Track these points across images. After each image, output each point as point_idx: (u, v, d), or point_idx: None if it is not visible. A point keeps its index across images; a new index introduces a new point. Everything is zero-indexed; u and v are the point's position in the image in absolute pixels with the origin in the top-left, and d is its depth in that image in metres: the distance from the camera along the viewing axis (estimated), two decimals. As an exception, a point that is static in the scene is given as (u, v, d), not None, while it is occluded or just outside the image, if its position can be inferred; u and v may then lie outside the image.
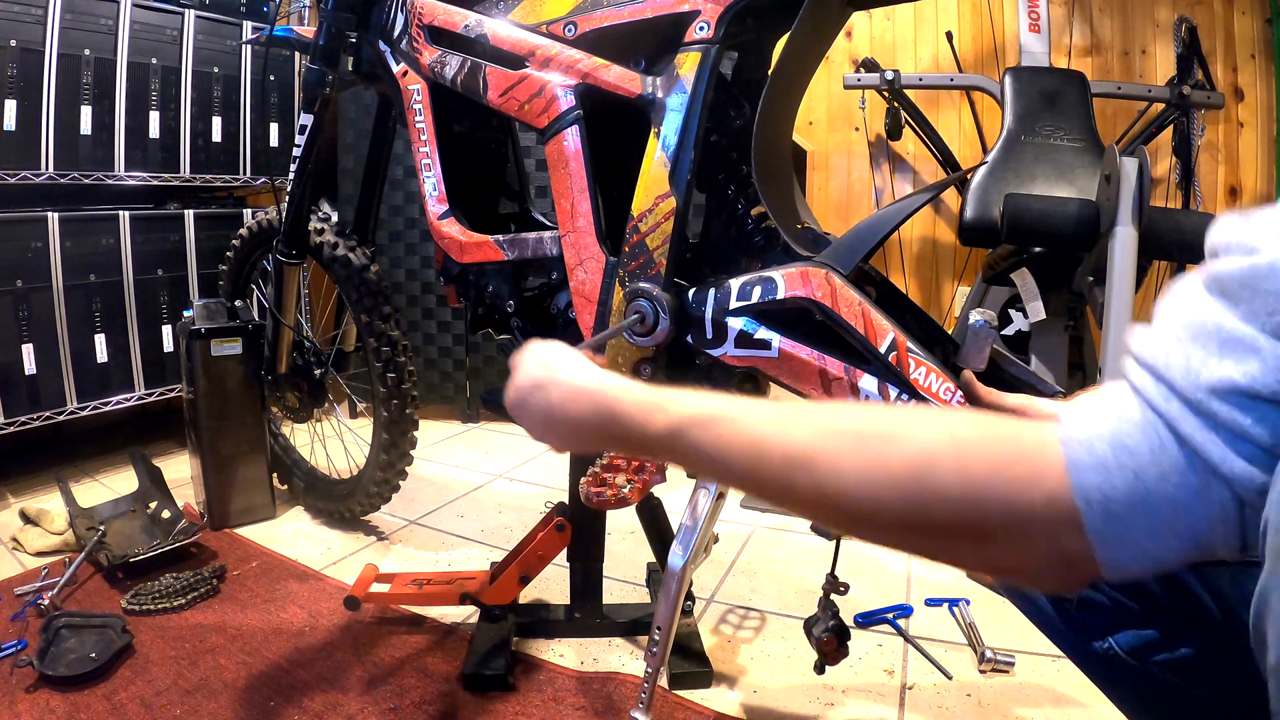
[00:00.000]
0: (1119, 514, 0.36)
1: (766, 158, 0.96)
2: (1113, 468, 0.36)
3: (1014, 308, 1.84)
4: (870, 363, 0.84)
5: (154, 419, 2.44)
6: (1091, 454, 0.37)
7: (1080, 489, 0.36)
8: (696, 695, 1.14)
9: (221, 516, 1.69)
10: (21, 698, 1.09)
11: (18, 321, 1.81)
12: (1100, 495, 0.36)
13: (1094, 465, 0.36)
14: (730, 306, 0.92)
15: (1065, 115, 1.91)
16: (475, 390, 2.50)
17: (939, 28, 2.61)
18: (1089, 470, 0.36)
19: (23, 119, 1.79)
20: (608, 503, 0.93)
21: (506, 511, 1.84)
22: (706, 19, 0.93)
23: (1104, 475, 0.36)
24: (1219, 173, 2.46)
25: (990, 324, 0.79)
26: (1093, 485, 0.36)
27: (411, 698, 1.11)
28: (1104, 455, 0.36)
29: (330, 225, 1.58)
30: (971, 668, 1.20)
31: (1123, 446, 0.36)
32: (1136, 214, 1.41)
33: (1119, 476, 0.36)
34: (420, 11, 1.17)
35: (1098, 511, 0.36)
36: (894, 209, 0.91)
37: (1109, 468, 0.36)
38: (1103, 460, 0.36)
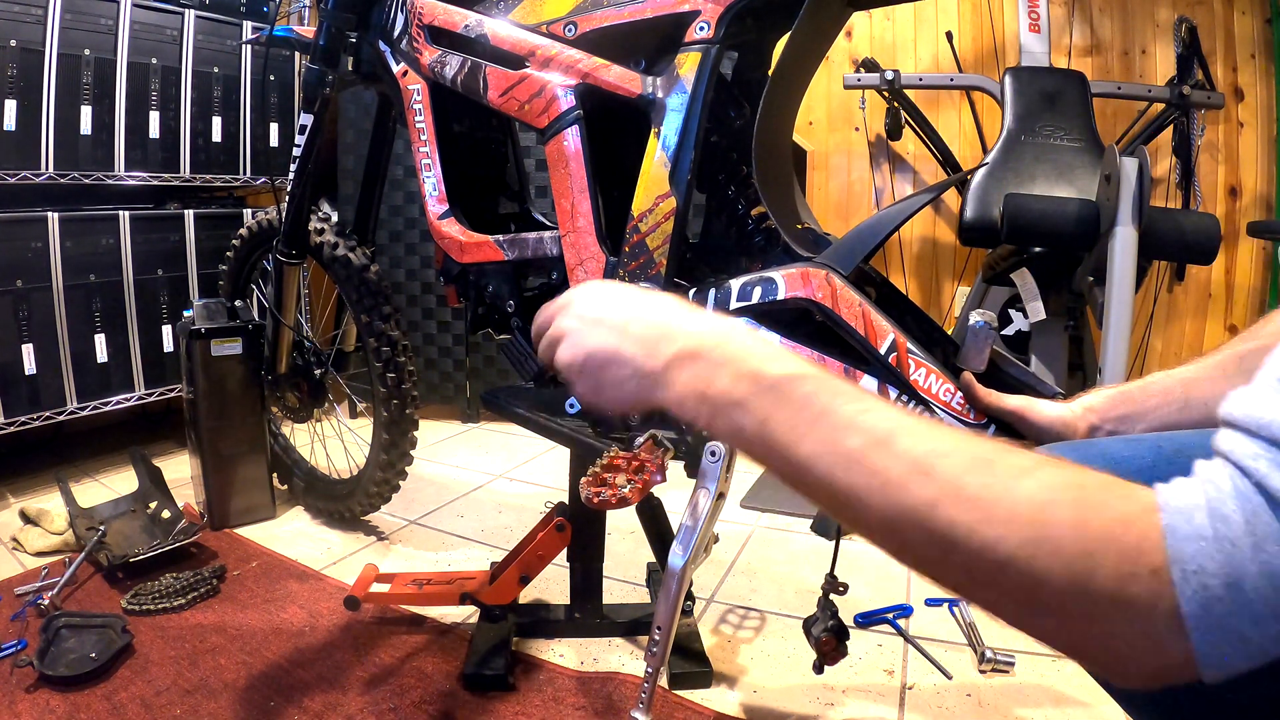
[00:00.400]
0: (1216, 594, 0.32)
1: (767, 158, 0.96)
2: (1209, 539, 0.32)
3: (1014, 308, 1.84)
4: (870, 364, 0.84)
5: (154, 419, 2.44)
6: (1189, 522, 0.33)
7: (1177, 560, 0.32)
8: (696, 695, 1.14)
9: (221, 516, 1.69)
10: (21, 698, 1.09)
11: (18, 321, 1.81)
12: (1196, 570, 0.32)
13: (1192, 535, 0.33)
14: (730, 307, 0.92)
15: (1065, 115, 1.91)
16: (475, 390, 2.50)
17: (939, 28, 2.61)
18: (1187, 540, 0.33)
19: (23, 119, 1.79)
20: (608, 503, 0.93)
21: (506, 511, 1.84)
22: (706, 19, 0.93)
23: (1200, 547, 0.32)
24: (1219, 173, 2.46)
25: (990, 325, 0.79)
26: (1189, 556, 0.32)
27: (411, 698, 1.11)
28: (1201, 524, 0.33)
29: (330, 225, 1.58)
30: (971, 668, 1.20)
31: (1219, 514, 0.33)
32: (1136, 214, 1.42)
33: (1215, 548, 0.32)
34: (420, 11, 1.17)
35: (1194, 589, 0.32)
36: (894, 210, 0.91)
37: (1206, 538, 0.32)
38: (1199, 529, 0.33)
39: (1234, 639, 0.32)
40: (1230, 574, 0.31)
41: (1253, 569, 0.31)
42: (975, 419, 0.78)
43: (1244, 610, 0.31)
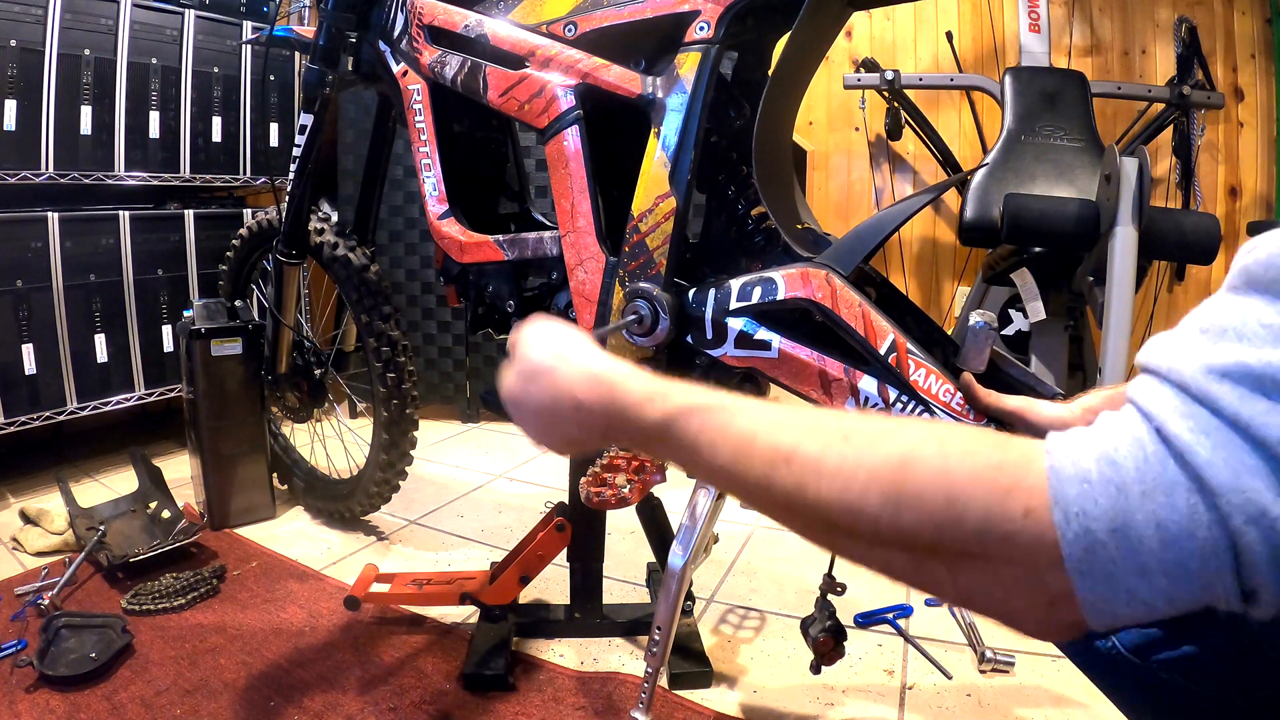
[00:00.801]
0: (1099, 539, 0.31)
1: (767, 158, 0.96)
2: (1095, 481, 0.32)
3: (1014, 308, 1.84)
4: (870, 364, 0.84)
5: (154, 419, 2.44)
6: (1075, 465, 0.32)
7: (1059, 501, 0.32)
8: (696, 695, 1.14)
9: (221, 516, 1.69)
10: (21, 698, 1.09)
11: (18, 321, 1.81)
12: (1079, 511, 0.31)
13: (1076, 477, 0.32)
14: (730, 307, 0.92)
15: (1065, 115, 1.91)
16: (475, 390, 2.50)
17: (939, 28, 2.61)
18: (1070, 481, 0.32)
19: (23, 119, 1.79)
20: (608, 503, 0.93)
21: (506, 511, 1.84)
22: (706, 19, 0.93)
23: (1084, 489, 0.32)
24: (1219, 173, 2.46)
25: (990, 325, 0.79)
26: (1072, 499, 0.32)
27: (411, 698, 1.11)
28: (1087, 468, 0.32)
29: (330, 225, 1.58)
30: (971, 668, 1.20)
31: (1108, 459, 0.32)
32: (1136, 214, 1.42)
33: (1100, 492, 0.31)
34: (420, 11, 1.17)
35: (1076, 533, 0.31)
36: (894, 210, 0.91)
37: (1091, 481, 0.32)
38: (1085, 473, 0.32)
39: (1119, 590, 0.31)
40: (1115, 520, 0.31)
41: (1139, 517, 0.30)
42: (975, 419, 0.78)
43: (1129, 559, 0.30)
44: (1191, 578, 0.30)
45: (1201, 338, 0.33)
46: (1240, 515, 0.29)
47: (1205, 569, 0.30)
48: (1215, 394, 0.31)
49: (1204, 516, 0.30)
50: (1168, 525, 0.30)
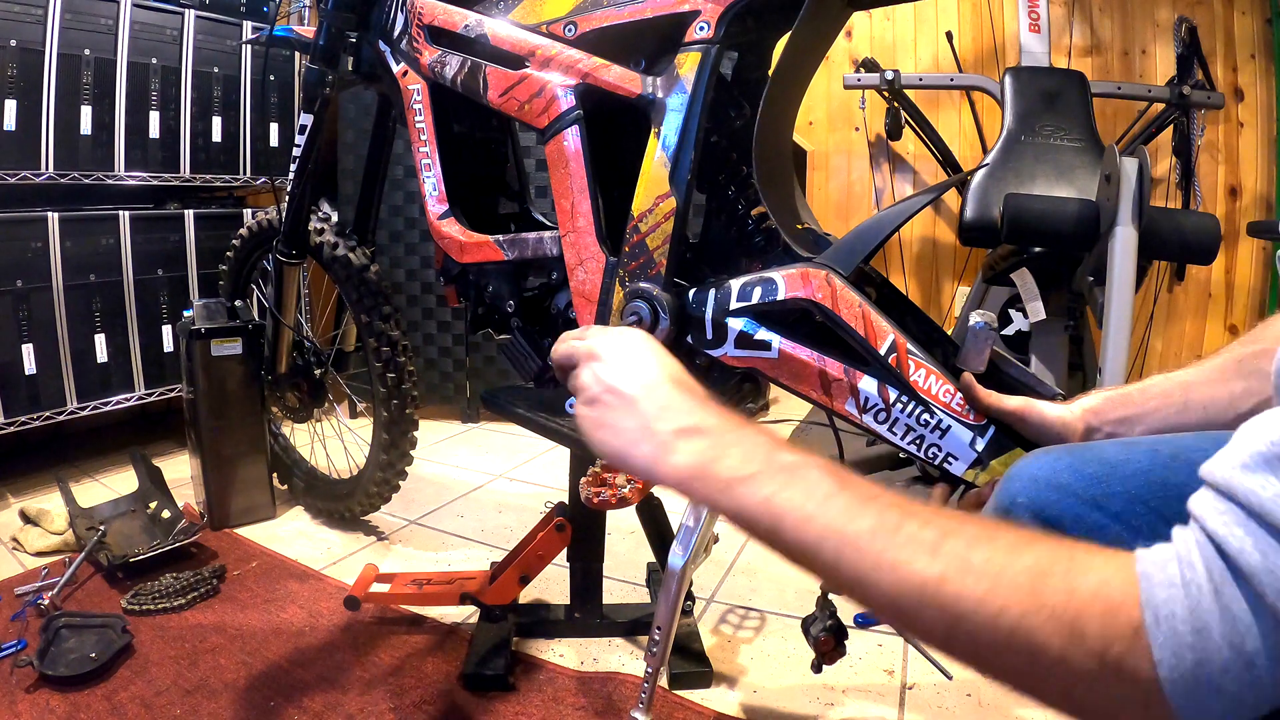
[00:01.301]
0: (1185, 639, 0.32)
1: (767, 158, 0.96)
2: (1177, 584, 0.33)
3: (1014, 308, 1.84)
4: (870, 364, 0.84)
5: (154, 419, 2.44)
6: (1163, 572, 0.34)
7: (1149, 605, 0.33)
8: (696, 695, 1.14)
9: (221, 516, 1.69)
10: (21, 698, 1.09)
11: (18, 321, 1.81)
12: (1167, 613, 0.33)
13: (1164, 583, 0.34)
14: (730, 307, 0.92)
15: (1065, 115, 1.91)
16: (475, 390, 2.50)
17: (939, 28, 2.61)
18: (1159, 587, 0.34)
19: (23, 119, 1.78)
20: (608, 503, 0.93)
21: (506, 511, 1.84)
22: (706, 19, 0.93)
23: (1170, 594, 0.33)
24: (1219, 173, 2.46)
25: (990, 326, 0.79)
26: (1161, 602, 0.33)
27: (411, 698, 1.11)
28: (1172, 574, 0.34)
29: (330, 225, 1.58)
30: (971, 668, 1.20)
31: (1186, 562, 0.34)
32: (1136, 214, 1.42)
33: (1182, 594, 0.33)
34: (420, 11, 1.17)
35: (1164, 635, 0.33)
36: (894, 210, 0.91)
37: (1174, 585, 0.33)
38: (1170, 578, 0.34)
39: (1209, 689, 0.32)
40: (1196, 618, 0.32)
41: (1214, 612, 0.32)
42: (975, 420, 0.78)
43: (1213, 656, 0.32)
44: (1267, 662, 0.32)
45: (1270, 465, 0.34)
46: (1272, 593, 0.31)
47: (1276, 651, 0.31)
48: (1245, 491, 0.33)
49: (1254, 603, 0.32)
50: (1236, 615, 0.32)
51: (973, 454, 0.78)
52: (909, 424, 0.82)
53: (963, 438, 0.79)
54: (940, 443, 0.80)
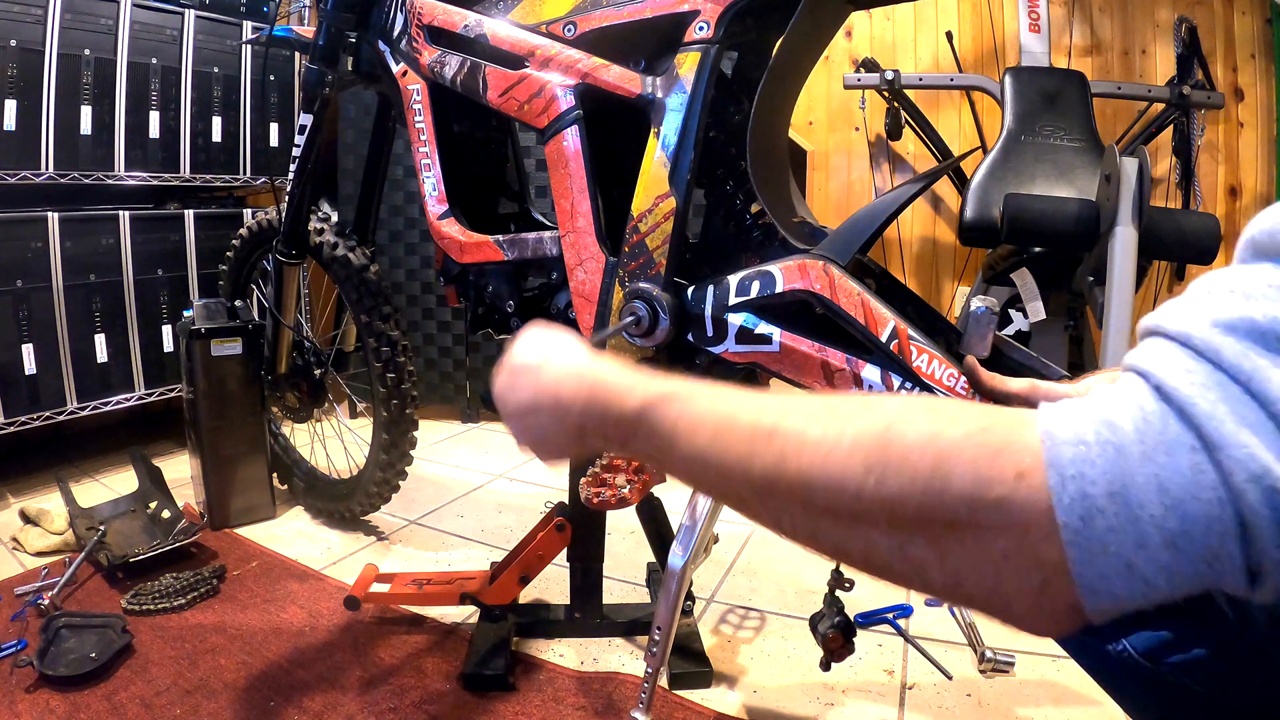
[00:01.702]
0: (1098, 505, 0.29)
1: (762, 155, 0.96)
2: (1092, 443, 0.29)
3: (1014, 308, 1.84)
4: (872, 353, 0.84)
5: (154, 419, 2.44)
6: (1072, 428, 0.30)
7: (1054, 464, 0.30)
8: (696, 695, 1.14)
9: (221, 516, 1.69)
10: (21, 698, 1.09)
11: (18, 321, 1.81)
12: (1075, 474, 0.29)
13: (1072, 440, 0.30)
14: (730, 302, 0.92)
15: (1065, 115, 1.91)
16: (475, 390, 2.50)
17: (939, 28, 2.61)
18: (1066, 444, 0.30)
19: (23, 119, 1.79)
20: (607, 503, 0.93)
21: (506, 511, 1.84)
22: (706, 19, 0.93)
23: (1081, 451, 0.29)
24: (1219, 173, 2.46)
25: (992, 310, 0.78)
26: (1068, 461, 0.29)
27: (411, 698, 1.11)
28: (1083, 431, 0.30)
29: (330, 225, 1.58)
30: (971, 668, 1.20)
31: (1106, 421, 0.30)
32: (1136, 214, 1.41)
33: (1098, 454, 0.29)
34: (420, 11, 1.17)
35: (1072, 496, 0.29)
36: (888, 199, 0.91)
37: (1087, 443, 0.29)
38: (1081, 436, 0.30)
39: (1118, 564, 0.29)
40: (1114, 483, 0.28)
41: (1139, 479, 0.28)
42: (980, 403, 0.78)
43: (1129, 527, 0.28)
44: (1195, 548, 0.28)
45: (1207, 298, 0.31)
46: (1242, 472, 0.27)
47: (1209, 537, 0.27)
48: (1218, 346, 0.29)
49: (1207, 476, 0.27)
50: (1169, 487, 0.28)
51: (976, 443, 0.78)
52: (912, 413, 0.81)
53: (966, 427, 0.78)
54: (943, 433, 0.80)
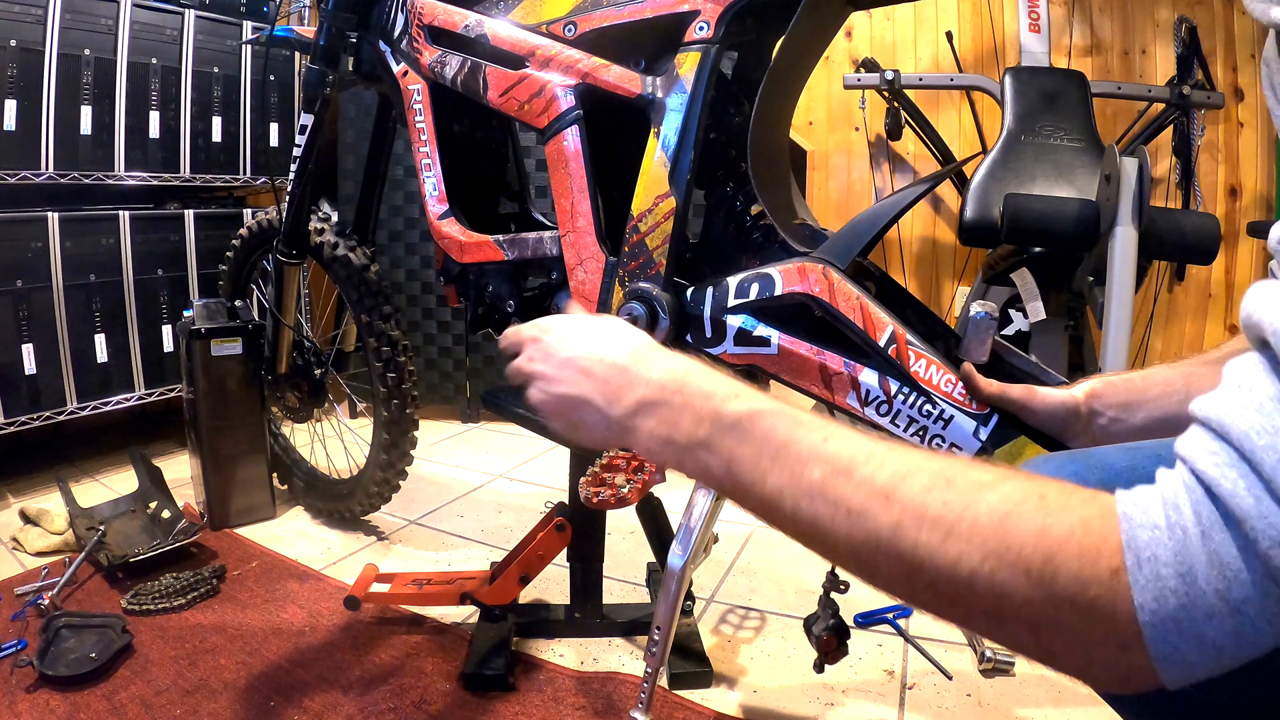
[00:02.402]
0: (1169, 584, 0.31)
1: (763, 156, 0.96)
2: (1161, 527, 0.32)
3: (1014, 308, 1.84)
4: (870, 357, 0.84)
5: (154, 419, 2.44)
6: (1144, 511, 0.33)
7: (1131, 547, 0.32)
8: (696, 695, 1.14)
9: (221, 516, 1.69)
10: (21, 698, 1.09)
11: (18, 321, 1.81)
12: (1150, 557, 0.32)
13: (1146, 524, 0.32)
14: (729, 304, 0.92)
15: (1065, 115, 1.91)
16: (475, 390, 2.50)
17: (939, 28, 2.61)
18: (1140, 529, 0.32)
19: (23, 119, 1.78)
20: (607, 503, 0.93)
21: (506, 511, 1.84)
22: (706, 19, 0.93)
23: (1153, 536, 0.32)
24: (1219, 173, 2.46)
25: (991, 316, 0.78)
26: (1143, 545, 0.32)
27: (411, 698, 1.11)
28: (1155, 516, 0.33)
29: (330, 225, 1.58)
30: (971, 668, 1.20)
31: (1171, 504, 0.33)
32: (1136, 214, 1.41)
33: (1167, 536, 0.32)
34: (420, 11, 1.17)
35: (1148, 578, 0.32)
36: (889, 202, 0.91)
37: (1158, 527, 0.32)
38: (1154, 520, 0.32)
39: (1190, 637, 0.31)
40: (1182, 562, 0.31)
41: (1202, 557, 0.31)
42: (977, 409, 0.78)
43: (1198, 602, 0.31)
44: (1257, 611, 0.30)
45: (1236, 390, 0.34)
46: (1265, 540, 0.30)
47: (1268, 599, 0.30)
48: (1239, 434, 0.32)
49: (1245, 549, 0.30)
50: (1227, 562, 0.31)
51: (976, 443, 0.78)
52: (911, 415, 0.82)
53: (966, 427, 0.79)
54: (943, 433, 0.80)
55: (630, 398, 0.50)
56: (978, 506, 0.36)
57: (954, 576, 0.36)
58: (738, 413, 0.45)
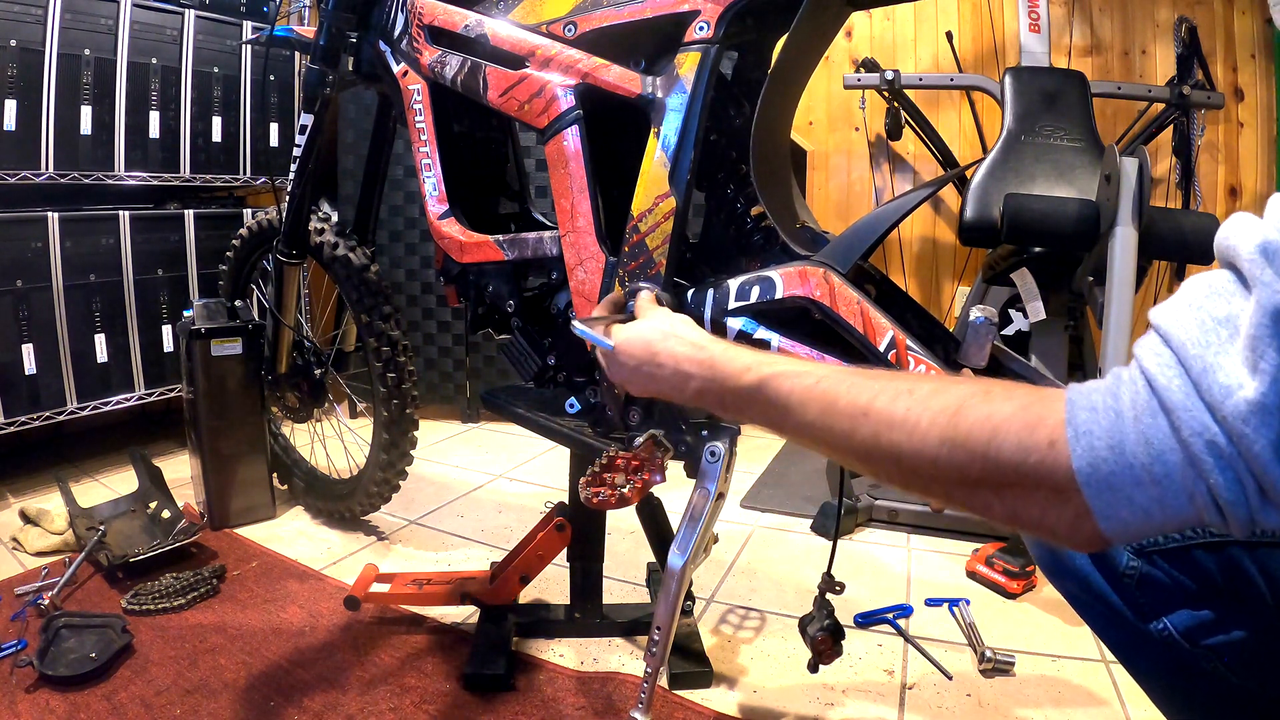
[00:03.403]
0: (1101, 455, 0.39)
1: (765, 157, 0.96)
2: (1099, 409, 0.39)
3: (1014, 308, 1.84)
4: (870, 361, 0.84)
5: (154, 419, 2.44)
6: (1086, 399, 0.40)
7: (1071, 424, 0.40)
8: (696, 695, 1.14)
9: (221, 516, 1.69)
10: (21, 698, 1.09)
11: (18, 321, 1.81)
12: (1085, 432, 0.39)
13: (1086, 407, 0.40)
14: (729, 306, 0.92)
15: (1065, 115, 1.91)
16: (475, 390, 2.50)
17: (939, 28, 2.61)
18: (1081, 410, 0.40)
19: (23, 119, 1.79)
20: (607, 503, 0.93)
21: (506, 511, 1.84)
22: (706, 19, 0.93)
23: (1091, 415, 0.39)
24: (1219, 173, 2.46)
25: (991, 321, 0.79)
26: (1081, 423, 0.39)
27: (411, 698, 1.11)
28: (1094, 401, 0.40)
29: (330, 225, 1.58)
30: (971, 668, 1.20)
31: (1111, 392, 0.40)
32: (1136, 214, 1.41)
33: (1102, 417, 0.39)
34: (420, 11, 1.17)
35: (1083, 448, 0.39)
36: (891, 207, 0.91)
37: (1096, 409, 0.39)
38: (1093, 404, 0.40)
39: (1122, 498, 0.39)
40: (1113, 437, 0.38)
41: (1132, 434, 0.38)
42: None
43: (1126, 470, 0.38)
44: (1176, 486, 0.37)
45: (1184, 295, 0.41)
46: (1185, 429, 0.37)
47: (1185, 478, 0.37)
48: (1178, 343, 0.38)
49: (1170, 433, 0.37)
50: (1153, 441, 0.38)
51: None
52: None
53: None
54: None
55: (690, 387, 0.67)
56: (933, 405, 0.46)
57: (921, 462, 0.46)
58: (751, 386, 0.60)
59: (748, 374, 0.60)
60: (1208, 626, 0.57)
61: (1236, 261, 0.39)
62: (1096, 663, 1.20)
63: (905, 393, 0.48)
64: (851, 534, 1.70)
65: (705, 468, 0.95)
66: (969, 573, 1.48)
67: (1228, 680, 0.56)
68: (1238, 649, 0.55)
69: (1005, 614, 1.35)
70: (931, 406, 0.46)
